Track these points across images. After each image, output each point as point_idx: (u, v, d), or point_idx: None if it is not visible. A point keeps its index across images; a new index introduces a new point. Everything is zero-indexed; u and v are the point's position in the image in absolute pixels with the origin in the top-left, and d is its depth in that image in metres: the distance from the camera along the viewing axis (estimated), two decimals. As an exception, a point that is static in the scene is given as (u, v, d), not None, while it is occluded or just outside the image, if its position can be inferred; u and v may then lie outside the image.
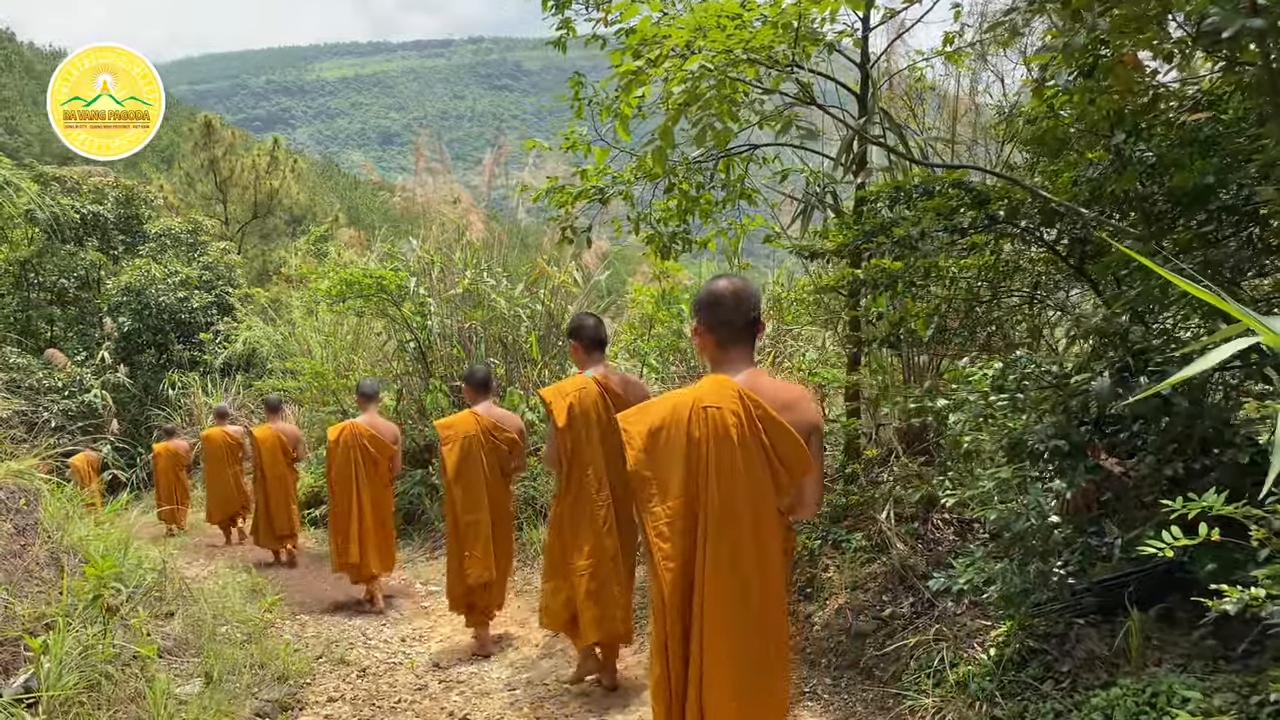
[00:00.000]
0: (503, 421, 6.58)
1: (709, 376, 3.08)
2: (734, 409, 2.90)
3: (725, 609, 2.82)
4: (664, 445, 2.92)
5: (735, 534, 2.84)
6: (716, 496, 2.84)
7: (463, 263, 11.52)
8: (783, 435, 2.90)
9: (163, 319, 20.84)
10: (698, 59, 3.80)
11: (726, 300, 3.08)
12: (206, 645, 6.18)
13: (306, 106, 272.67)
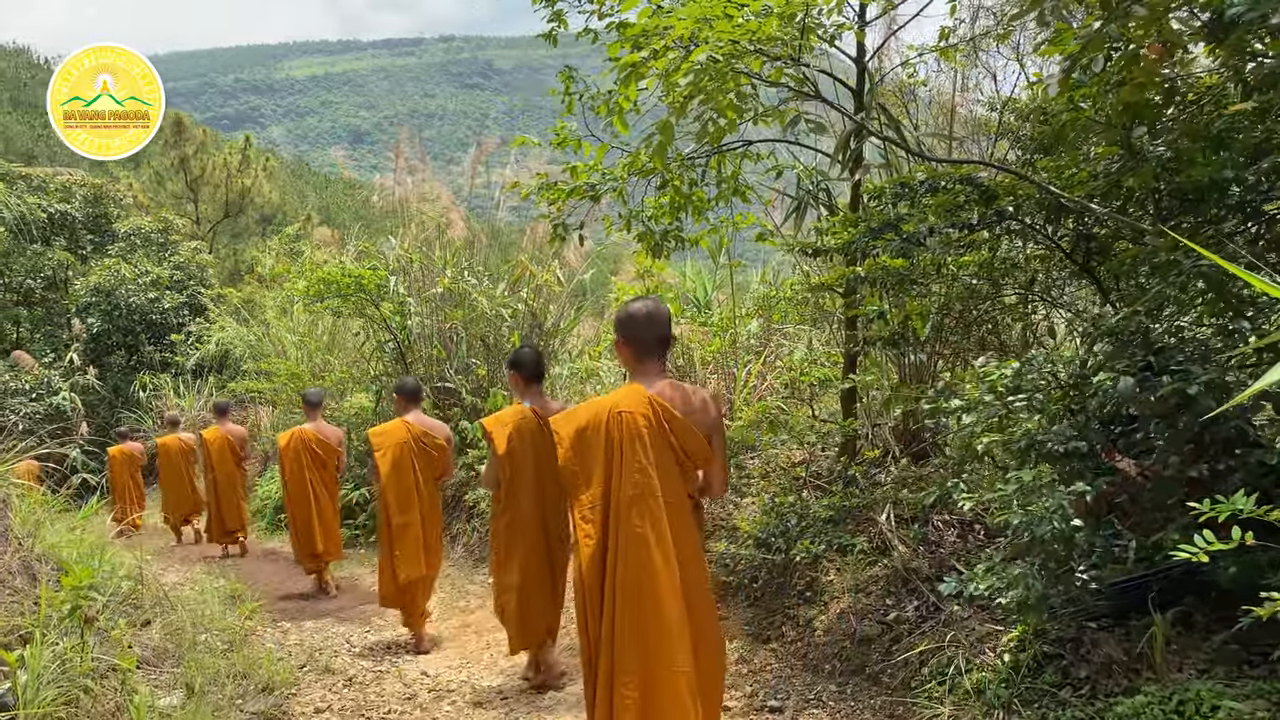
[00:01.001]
0: (432, 430, 7.03)
1: (626, 385, 3.66)
2: (645, 413, 3.48)
3: (632, 578, 3.36)
4: (588, 444, 3.51)
5: (643, 516, 3.39)
6: (627, 485, 3.41)
7: (443, 261, 11.35)
8: (687, 433, 3.50)
9: (133, 320, 20.48)
10: (705, 49, 3.68)
11: (641, 320, 3.60)
12: (187, 655, 6.00)
13: (276, 105, 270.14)
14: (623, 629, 3.34)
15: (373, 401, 11.83)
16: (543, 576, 5.42)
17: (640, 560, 3.36)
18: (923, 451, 5.94)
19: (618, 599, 3.36)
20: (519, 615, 5.41)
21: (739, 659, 5.25)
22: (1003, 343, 6.43)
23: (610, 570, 3.40)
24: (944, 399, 3.71)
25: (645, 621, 3.33)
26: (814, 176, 6.15)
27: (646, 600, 3.34)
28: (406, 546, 6.78)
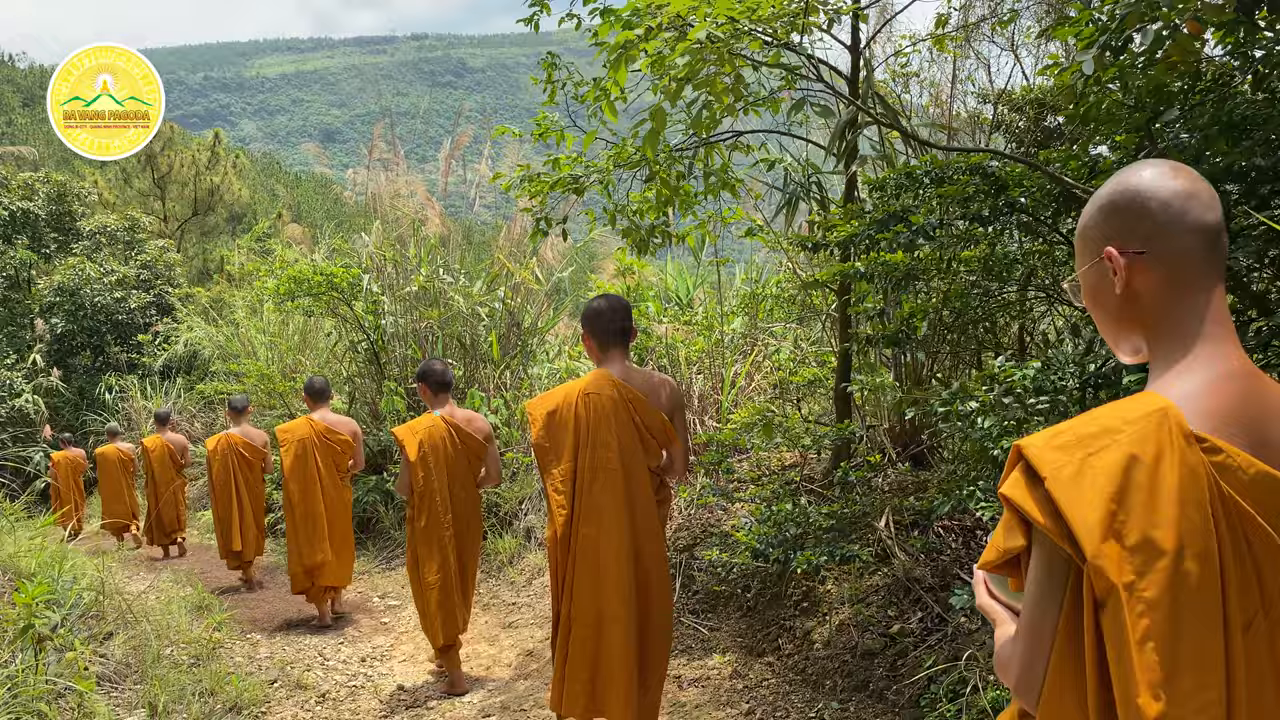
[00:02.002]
0: (336, 426, 7.55)
1: (594, 371, 4.01)
2: (611, 395, 3.87)
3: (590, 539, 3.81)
4: (558, 423, 3.91)
5: (604, 488, 3.82)
6: (592, 460, 3.83)
7: (417, 259, 11.04)
8: (649, 412, 3.89)
9: (98, 320, 19.99)
10: (703, 27, 3.44)
11: (604, 313, 3.99)
12: (150, 670, 5.70)
13: (246, 103, 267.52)
14: (580, 583, 3.83)
15: (346, 404, 11.52)
16: (458, 573, 5.80)
17: (599, 525, 3.82)
18: (920, 455, 5.73)
19: (576, 557, 3.84)
20: (440, 612, 5.68)
21: (733, 673, 5.02)
22: (999, 341, 6.24)
23: (575, 536, 3.86)
24: (959, 401, 3.49)
25: (598, 577, 3.81)
26: (806, 170, 5.92)
27: (600, 559, 3.81)
28: (310, 533, 7.35)
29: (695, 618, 5.81)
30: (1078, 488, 1.37)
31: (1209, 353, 1.47)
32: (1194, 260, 1.48)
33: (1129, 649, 1.31)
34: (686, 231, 6.40)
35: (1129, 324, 1.57)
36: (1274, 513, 1.38)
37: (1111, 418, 1.43)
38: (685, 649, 5.52)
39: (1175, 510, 1.34)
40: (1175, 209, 1.47)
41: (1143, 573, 1.32)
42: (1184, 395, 1.42)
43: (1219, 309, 1.49)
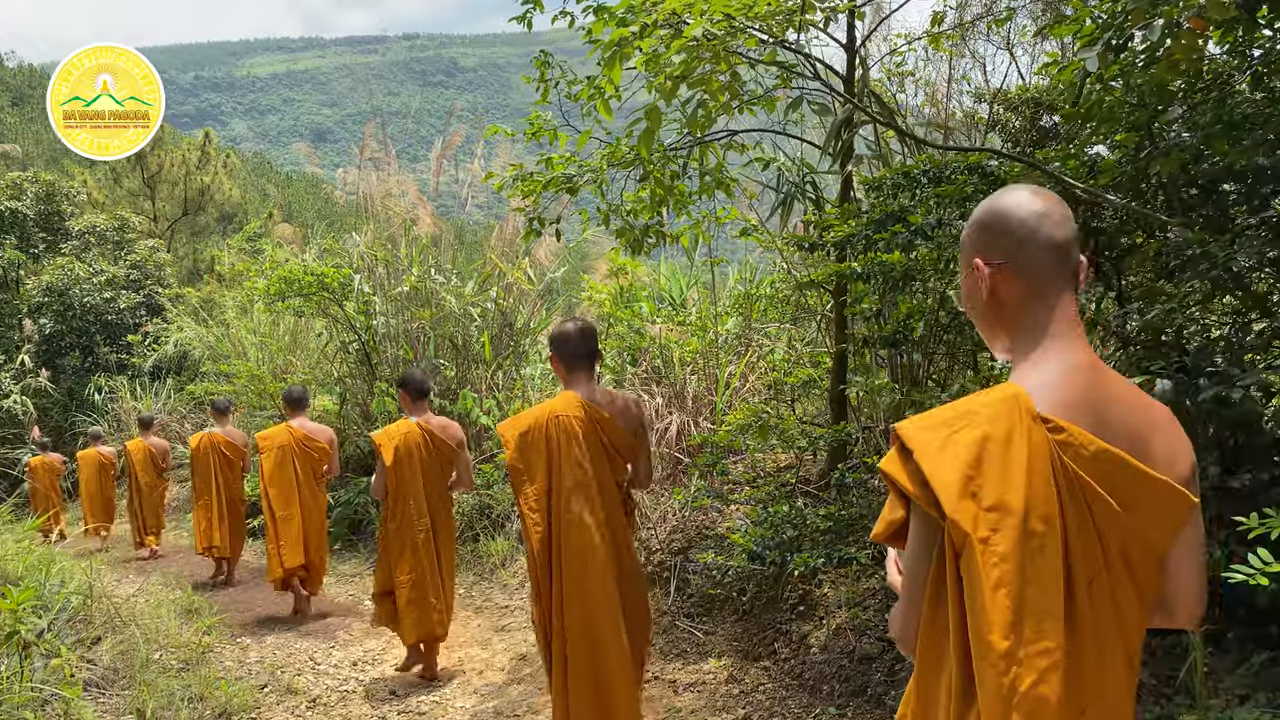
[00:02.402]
0: (314, 433, 8.00)
1: (562, 393, 4.20)
2: (579, 415, 4.06)
3: (574, 553, 3.97)
4: (531, 444, 4.05)
5: (581, 503, 4.00)
6: (566, 478, 4.00)
7: (409, 259, 10.97)
8: (615, 430, 4.11)
9: (88, 320, 19.84)
10: (700, 23, 3.39)
11: (573, 339, 4.16)
12: (138, 675, 5.63)
13: (236, 103, 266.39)
14: (570, 596, 3.99)
15: (337, 404, 11.45)
16: (433, 574, 6.08)
17: (580, 540, 4.00)
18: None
19: (564, 572, 4.00)
20: (412, 610, 5.98)
21: (729, 678, 4.97)
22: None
23: (556, 550, 4.02)
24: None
25: (586, 589, 3.99)
26: (801, 169, 5.87)
27: (587, 572, 3.99)
28: (289, 537, 7.74)
29: (690, 621, 5.76)
30: (941, 459, 1.60)
31: (1059, 348, 1.72)
32: (1047, 271, 1.73)
33: (983, 594, 1.53)
34: (681, 231, 6.35)
35: (996, 325, 1.81)
36: (1113, 483, 1.61)
37: (972, 403, 1.69)
38: (680, 653, 5.47)
39: (1023, 478, 1.57)
40: (1031, 226, 1.73)
41: (996, 529, 1.56)
42: (1036, 384, 1.67)
43: (1068, 312, 1.74)
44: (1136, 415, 1.72)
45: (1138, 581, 1.66)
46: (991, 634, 1.52)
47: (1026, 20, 6.69)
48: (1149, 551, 1.67)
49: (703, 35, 3.41)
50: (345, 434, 10.81)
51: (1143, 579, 1.67)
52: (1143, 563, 1.66)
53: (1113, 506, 1.62)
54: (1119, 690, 1.64)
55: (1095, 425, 1.64)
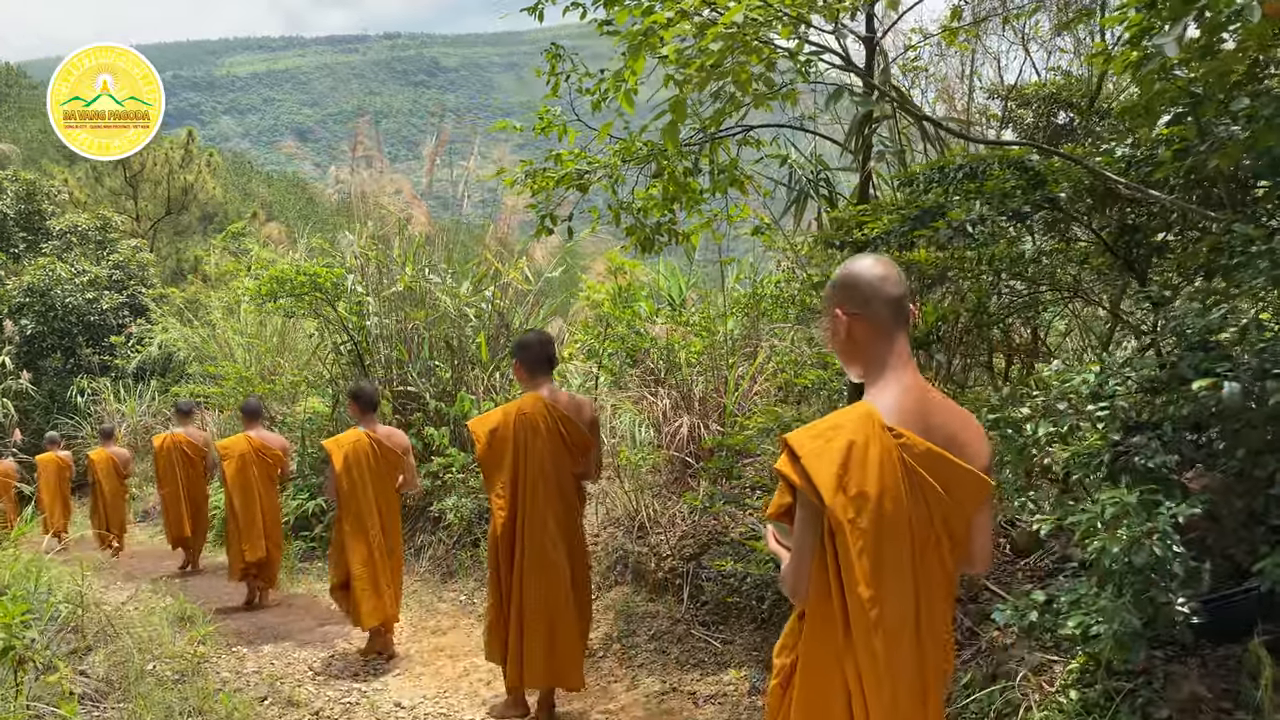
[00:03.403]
0: (269, 442, 8.89)
1: (525, 395, 4.87)
2: (541, 414, 4.73)
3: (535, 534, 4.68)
4: (499, 440, 4.76)
5: (539, 493, 4.69)
6: (528, 470, 4.69)
7: (403, 258, 10.77)
8: (572, 427, 4.76)
9: (70, 321, 19.52)
10: (740, 9, 3.24)
11: (534, 347, 4.87)
12: (133, 688, 5.43)
13: (216, 102, 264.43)
14: (529, 569, 4.68)
15: (329, 406, 11.24)
16: (383, 565, 6.63)
17: (541, 522, 4.68)
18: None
19: (525, 550, 4.68)
20: (368, 595, 6.54)
21: (751, 689, 4.82)
22: (1010, 343, 6.08)
23: (519, 533, 4.70)
24: (1010, 407, 3.31)
25: (543, 563, 4.69)
26: (817, 166, 5.73)
27: (545, 549, 4.68)
28: (251, 535, 8.51)
29: (706, 630, 5.61)
30: (820, 461, 2.23)
31: (896, 375, 2.38)
32: (886, 318, 2.40)
33: (851, 558, 2.20)
34: (692, 229, 6.20)
35: (852, 357, 2.47)
36: (937, 473, 2.26)
37: (841, 418, 2.35)
38: (698, 663, 5.32)
39: (878, 472, 2.21)
40: (875, 287, 2.39)
41: (859, 511, 2.21)
42: (883, 403, 2.32)
43: (902, 347, 2.41)
44: (952, 423, 2.38)
45: (955, 542, 2.35)
46: (859, 586, 2.20)
47: (1040, 16, 6.58)
48: (962, 521, 2.35)
49: (745, 18, 3.26)
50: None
51: (958, 540, 2.36)
52: (958, 529, 2.34)
53: (938, 490, 2.27)
54: (944, 615, 2.40)
55: (923, 431, 2.29)
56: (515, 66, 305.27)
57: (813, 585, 2.30)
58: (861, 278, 2.41)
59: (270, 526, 8.72)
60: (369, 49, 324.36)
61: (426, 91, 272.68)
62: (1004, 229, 3.89)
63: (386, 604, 6.63)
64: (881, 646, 2.20)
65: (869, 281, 2.40)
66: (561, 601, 4.70)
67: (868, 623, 2.20)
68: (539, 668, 4.72)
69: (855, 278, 2.42)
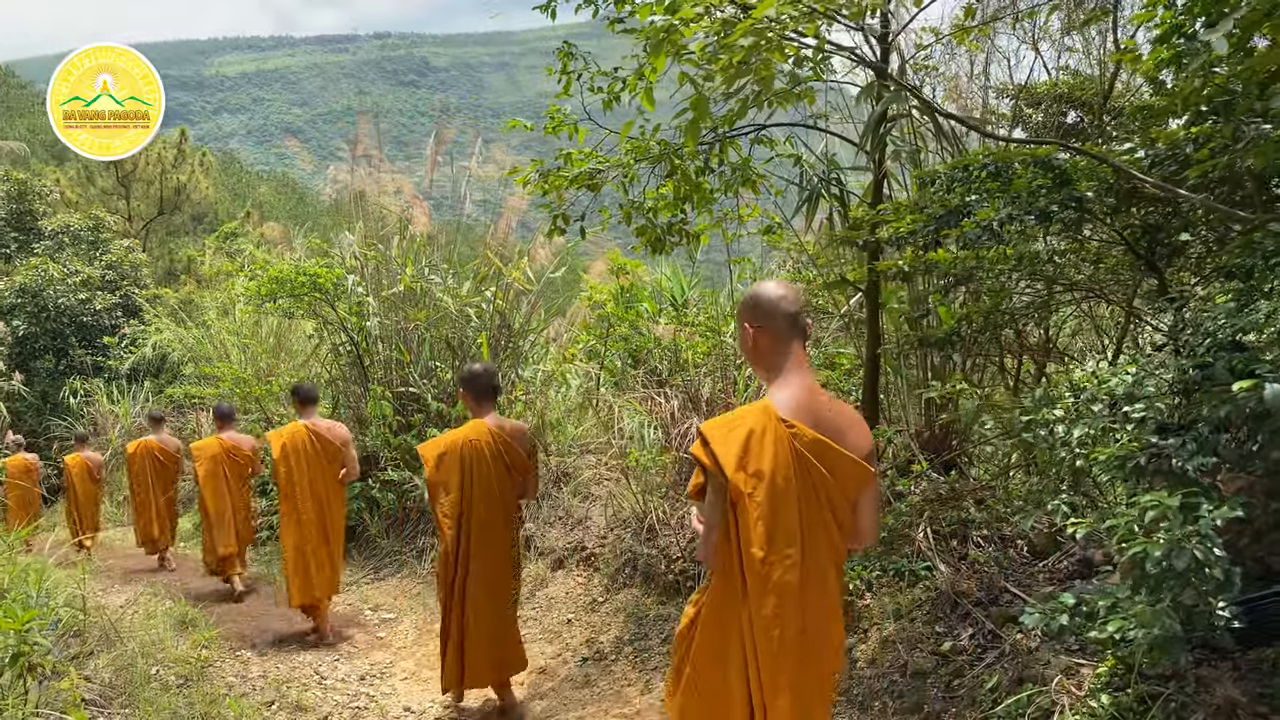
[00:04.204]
0: (239, 443, 9.46)
1: (471, 421, 5.28)
2: (485, 440, 5.14)
3: (481, 546, 5.13)
4: (447, 463, 5.14)
5: (484, 511, 5.12)
6: (474, 491, 5.10)
7: (403, 259, 10.68)
8: (512, 451, 5.19)
9: (62, 322, 19.40)
10: (770, 3, 3.19)
11: (480, 377, 5.28)
12: (138, 693, 5.36)
13: (205, 101, 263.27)
14: (475, 584, 5.13)
15: (329, 408, 11.16)
16: (318, 548, 7.17)
17: (486, 537, 5.14)
18: (952, 461, 5.53)
19: (470, 560, 5.12)
20: (297, 575, 7.12)
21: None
22: (1023, 344, 6.05)
23: (464, 547, 5.11)
24: (1044, 408, 3.27)
25: (489, 577, 5.15)
26: (829, 166, 5.69)
27: (489, 560, 5.14)
28: (223, 530, 9.09)
29: (719, 633, 5.56)
30: (725, 446, 2.68)
31: (791, 378, 2.81)
32: (784, 331, 2.84)
33: (749, 525, 2.65)
34: (702, 229, 6.16)
35: (758, 363, 2.92)
36: (822, 458, 2.71)
37: (744, 411, 2.80)
38: (712, 666, 5.27)
39: (772, 455, 2.66)
40: (775, 304, 2.84)
41: (756, 486, 2.66)
42: (779, 399, 2.77)
43: (799, 354, 2.86)
44: (839, 418, 2.83)
45: (839, 519, 2.79)
46: (753, 548, 2.65)
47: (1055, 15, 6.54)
48: (845, 501, 2.79)
49: (778, 11, 3.21)
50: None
51: (842, 518, 2.80)
52: (841, 507, 2.79)
53: (824, 473, 2.72)
54: (831, 581, 2.82)
55: (812, 423, 2.74)
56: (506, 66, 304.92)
57: (719, 549, 2.74)
58: (765, 297, 2.87)
59: (240, 523, 9.32)
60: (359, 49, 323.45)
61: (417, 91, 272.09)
62: (1033, 229, 3.84)
63: (314, 585, 7.15)
64: (771, 599, 2.65)
65: (770, 300, 2.85)
66: (503, 609, 5.25)
67: (760, 578, 2.65)
68: (483, 671, 5.23)
69: (759, 297, 2.89)
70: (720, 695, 2.78)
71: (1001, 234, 3.69)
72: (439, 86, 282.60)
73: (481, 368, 5.31)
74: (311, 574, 7.13)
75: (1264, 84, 3.09)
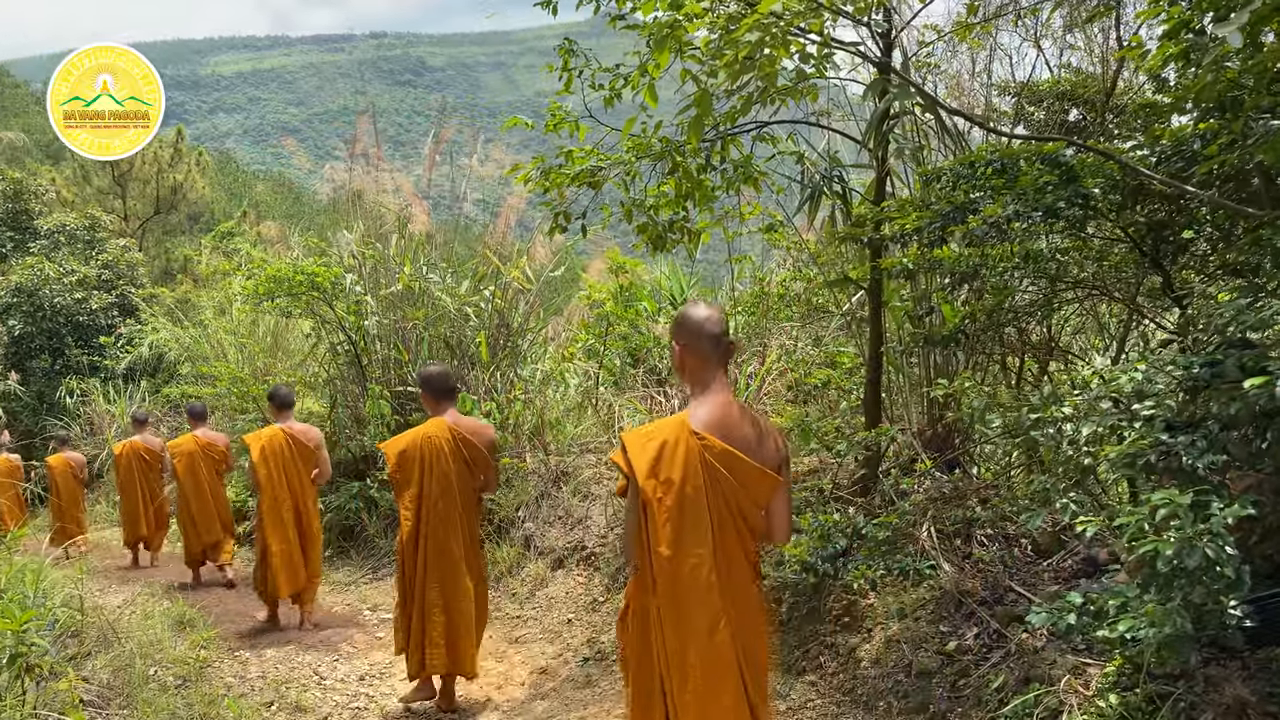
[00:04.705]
0: (214, 441, 10.10)
1: (431, 420, 5.50)
2: (445, 438, 5.38)
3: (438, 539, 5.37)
4: (408, 459, 5.37)
5: (443, 505, 5.37)
6: (432, 486, 5.35)
7: (400, 257, 10.64)
8: (472, 448, 5.43)
9: (58, 321, 19.29)
10: (774, 0, 3.16)
11: (437, 378, 5.55)
12: (136, 694, 5.32)
13: (201, 101, 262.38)
14: (431, 575, 5.36)
15: (327, 407, 11.12)
16: (296, 544, 7.61)
17: (444, 531, 5.37)
18: (954, 461, 5.50)
19: (429, 557, 5.36)
20: (285, 570, 7.52)
21: (773, 694, 4.74)
22: (1025, 342, 6.03)
23: (422, 540, 5.37)
24: (1052, 406, 3.24)
25: (445, 569, 5.37)
26: (830, 163, 5.66)
27: (446, 556, 5.38)
28: (205, 521, 9.73)
29: (721, 632, 5.53)
30: (640, 455, 2.98)
31: (711, 395, 3.09)
32: (707, 351, 3.10)
33: (657, 527, 2.95)
34: (703, 227, 6.12)
35: (684, 378, 3.21)
36: (732, 469, 2.97)
37: (663, 424, 3.13)
38: (715, 666, 5.24)
39: (682, 465, 2.94)
40: (700, 326, 3.11)
41: (666, 492, 2.95)
42: (696, 415, 3.05)
43: (719, 373, 3.12)
44: (751, 432, 3.09)
45: (750, 523, 3.08)
46: (660, 547, 2.96)
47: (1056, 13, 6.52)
48: (755, 507, 3.08)
49: (781, 10, 3.18)
50: (337, 438, 10.49)
51: (753, 522, 3.09)
52: (751, 513, 3.07)
53: (732, 481, 2.98)
54: (745, 578, 3.10)
55: (723, 436, 3.01)
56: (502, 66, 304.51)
57: (636, 547, 3.05)
58: (691, 319, 3.14)
59: (221, 512, 9.95)
60: (355, 48, 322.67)
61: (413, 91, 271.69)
62: (1038, 226, 3.82)
63: (300, 576, 7.62)
64: (679, 592, 2.96)
65: (696, 322, 3.11)
66: (459, 599, 5.40)
67: (667, 576, 2.96)
68: (439, 657, 5.36)
69: (687, 318, 3.16)
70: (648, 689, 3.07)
71: (1008, 231, 3.66)
72: (435, 86, 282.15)
73: (439, 369, 5.64)
74: (297, 564, 7.61)
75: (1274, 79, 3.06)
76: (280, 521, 7.58)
